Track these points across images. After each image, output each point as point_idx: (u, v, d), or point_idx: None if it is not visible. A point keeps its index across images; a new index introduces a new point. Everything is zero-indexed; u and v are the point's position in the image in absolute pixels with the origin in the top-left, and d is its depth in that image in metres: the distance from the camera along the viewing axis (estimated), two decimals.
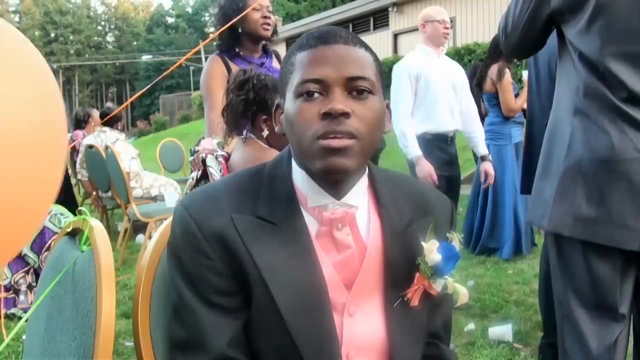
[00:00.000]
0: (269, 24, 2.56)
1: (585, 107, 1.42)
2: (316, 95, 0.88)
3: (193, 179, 2.04)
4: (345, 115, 0.86)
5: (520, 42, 1.56)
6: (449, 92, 3.21)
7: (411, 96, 3.15)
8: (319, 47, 0.89)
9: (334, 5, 21.56)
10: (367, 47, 0.93)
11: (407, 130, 3.12)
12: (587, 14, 1.40)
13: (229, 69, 2.54)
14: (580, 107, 1.43)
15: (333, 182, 0.92)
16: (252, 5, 2.54)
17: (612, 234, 1.38)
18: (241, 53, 2.60)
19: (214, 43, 2.72)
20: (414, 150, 3.10)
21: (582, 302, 1.48)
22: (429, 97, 3.16)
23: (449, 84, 3.21)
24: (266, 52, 2.67)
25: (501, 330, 2.80)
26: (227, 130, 1.97)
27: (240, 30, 2.57)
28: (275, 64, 2.70)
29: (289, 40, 19.03)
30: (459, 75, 3.30)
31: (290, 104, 0.91)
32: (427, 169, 3.07)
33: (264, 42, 2.64)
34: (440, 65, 3.24)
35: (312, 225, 0.94)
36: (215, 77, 2.48)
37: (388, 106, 0.97)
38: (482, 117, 4.41)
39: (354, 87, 0.88)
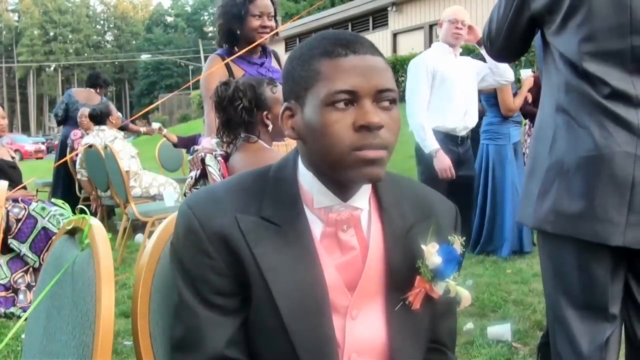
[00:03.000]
0: (267, 33, 2.58)
1: (567, 105, 1.43)
2: (345, 105, 0.88)
3: (192, 178, 2.05)
4: (380, 127, 0.87)
5: (505, 45, 1.58)
6: (464, 91, 3.22)
7: (427, 90, 3.17)
8: (349, 57, 0.88)
9: (332, 5, 21.53)
10: (383, 56, 0.93)
11: (425, 123, 3.12)
12: (562, 14, 1.41)
13: (229, 69, 2.55)
14: (563, 105, 1.44)
15: (343, 185, 0.92)
16: (252, 12, 2.56)
17: (596, 229, 1.37)
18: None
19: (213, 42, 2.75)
20: (432, 143, 3.10)
21: (572, 302, 1.48)
22: (442, 94, 3.17)
23: (465, 84, 3.23)
24: (265, 52, 2.69)
25: (500, 330, 2.80)
26: (226, 141, 1.99)
27: (238, 33, 2.58)
28: (274, 63, 2.71)
29: (288, 40, 19.03)
30: (473, 75, 3.31)
31: (314, 111, 0.89)
32: (445, 163, 3.07)
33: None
34: (456, 64, 3.25)
35: (316, 226, 0.94)
36: (216, 78, 2.48)
37: None
38: (480, 117, 4.42)
39: (383, 99, 0.89)
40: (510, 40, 1.57)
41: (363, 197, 0.95)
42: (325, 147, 0.89)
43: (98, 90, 6.13)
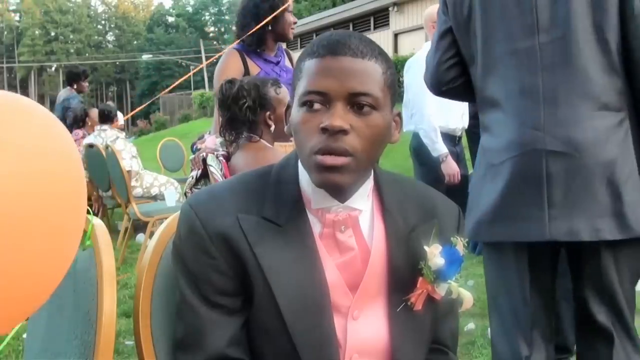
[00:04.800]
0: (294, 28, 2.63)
1: (485, 119, 1.52)
2: (318, 106, 0.87)
3: (193, 178, 2.05)
4: (343, 132, 0.85)
5: (434, 67, 1.62)
6: None
7: None
8: (326, 58, 0.88)
9: (334, 5, 21.54)
10: (379, 58, 0.90)
11: (437, 125, 3.14)
12: (466, 15, 1.51)
13: (245, 66, 2.55)
14: (483, 121, 1.53)
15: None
16: (287, 7, 2.59)
17: (520, 229, 1.41)
18: (258, 50, 2.60)
19: (231, 37, 2.76)
20: (442, 147, 3.14)
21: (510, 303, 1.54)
22: None
23: None
24: (279, 50, 2.70)
25: None
26: (228, 140, 1.99)
27: (269, 28, 2.58)
28: (287, 62, 2.72)
29: (289, 42, 19.03)
30: None
31: (295, 110, 0.91)
32: (455, 168, 3.12)
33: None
34: None
35: (315, 227, 0.94)
36: (231, 72, 2.47)
37: (399, 115, 0.97)
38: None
39: (356, 103, 0.87)
40: (437, 60, 1.60)
41: (362, 198, 0.95)
42: (298, 147, 0.91)
43: (75, 86, 5.99)
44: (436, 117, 3.14)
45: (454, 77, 1.60)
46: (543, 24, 1.40)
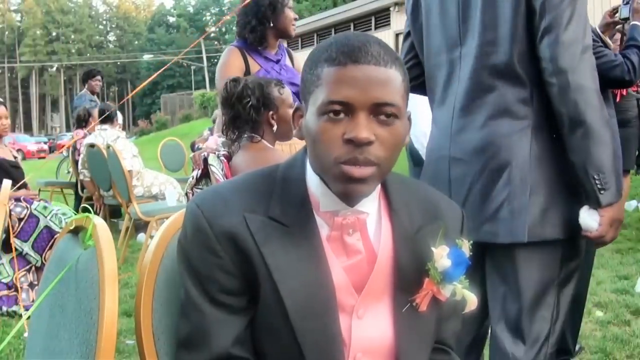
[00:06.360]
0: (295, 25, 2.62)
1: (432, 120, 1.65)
2: (340, 116, 0.86)
3: (193, 178, 2.06)
4: (369, 143, 0.85)
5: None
6: None
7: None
8: (348, 66, 0.85)
9: (335, 5, 21.55)
10: (397, 65, 0.88)
11: (427, 130, 3.13)
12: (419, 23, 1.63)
13: (246, 63, 2.54)
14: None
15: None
16: (288, 4, 2.58)
17: None
18: (259, 48, 2.60)
19: (232, 33, 2.74)
20: None
21: None
22: None
23: None
24: (280, 49, 2.69)
25: None
26: (230, 138, 1.99)
27: (271, 25, 2.57)
28: (288, 62, 2.72)
29: (290, 40, 19.04)
30: None
31: (312, 118, 0.89)
32: None
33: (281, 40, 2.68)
34: None
35: (323, 228, 0.94)
36: (232, 70, 2.47)
37: (409, 118, 0.96)
38: None
39: (380, 113, 0.86)
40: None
41: (370, 201, 0.95)
42: (316, 155, 0.89)
43: (87, 86, 6.04)
44: (426, 121, 3.15)
45: (415, 76, 1.68)
46: (462, 37, 1.49)
